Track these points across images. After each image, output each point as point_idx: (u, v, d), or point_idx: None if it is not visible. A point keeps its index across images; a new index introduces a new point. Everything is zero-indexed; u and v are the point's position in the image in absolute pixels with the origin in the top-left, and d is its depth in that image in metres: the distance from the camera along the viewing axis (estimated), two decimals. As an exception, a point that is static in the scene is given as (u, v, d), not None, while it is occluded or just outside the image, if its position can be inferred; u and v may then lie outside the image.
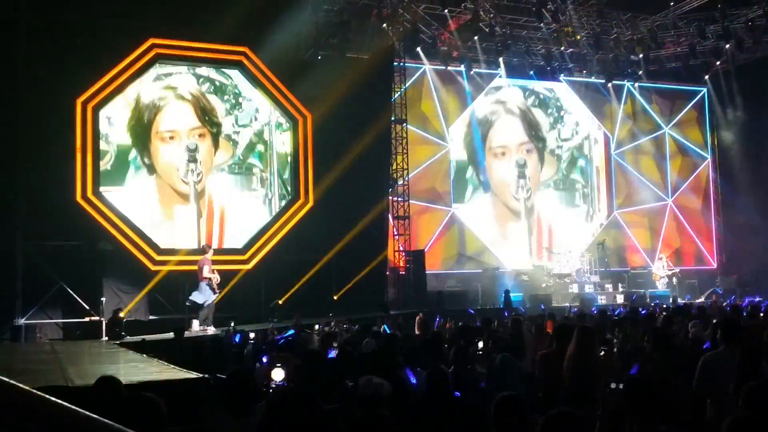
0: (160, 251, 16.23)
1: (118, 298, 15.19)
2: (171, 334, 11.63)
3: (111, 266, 15.58)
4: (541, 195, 23.44)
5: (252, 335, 11.76)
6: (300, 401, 4.64)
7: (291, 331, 11.50)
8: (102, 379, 5.07)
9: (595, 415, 4.52)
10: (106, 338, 13.57)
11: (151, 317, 15.72)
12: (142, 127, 16.93)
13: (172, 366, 8.23)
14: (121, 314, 14.24)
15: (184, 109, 17.40)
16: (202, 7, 16.33)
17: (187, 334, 12.22)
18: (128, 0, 15.93)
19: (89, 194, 15.64)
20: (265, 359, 8.16)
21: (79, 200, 15.53)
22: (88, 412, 1.84)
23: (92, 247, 15.44)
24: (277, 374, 6.33)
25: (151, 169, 17.08)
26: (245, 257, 16.93)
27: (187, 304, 14.49)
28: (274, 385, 6.26)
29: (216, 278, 13.82)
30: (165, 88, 17.26)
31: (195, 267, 14.35)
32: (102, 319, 14.37)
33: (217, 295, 13.92)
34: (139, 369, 8.38)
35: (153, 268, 15.96)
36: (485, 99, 22.98)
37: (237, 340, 11.60)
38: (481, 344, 8.19)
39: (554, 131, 24.00)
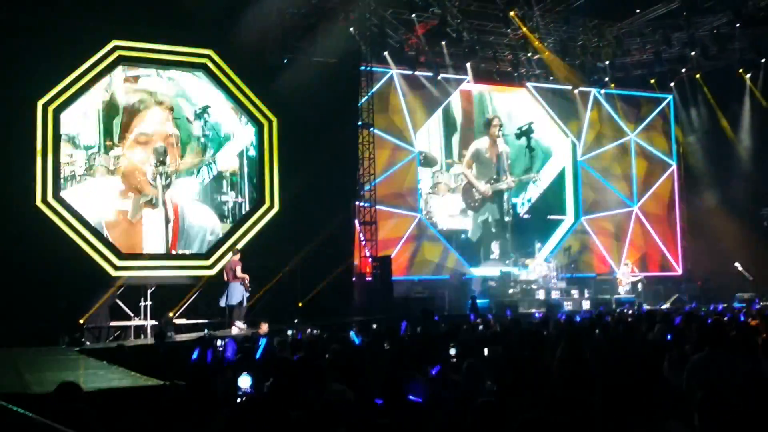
0: (123, 256, 15.90)
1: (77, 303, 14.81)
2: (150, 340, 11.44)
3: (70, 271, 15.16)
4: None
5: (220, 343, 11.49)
6: (265, 409, 4.47)
7: (263, 342, 11.17)
8: (62, 386, 4.93)
9: None
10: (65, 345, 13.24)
11: (111, 323, 15.42)
12: (111, 130, 16.67)
13: (132, 373, 8.06)
14: (81, 321, 13.96)
15: (157, 114, 17.13)
16: (167, 9, 16.03)
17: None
18: (90, 1, 15.59)
19: (49, 198, 15.27)
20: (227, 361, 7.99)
21: (39, 204, 15.17)
22: (46, 420, 1.70)
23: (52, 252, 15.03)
24: (244, 382, 6.18)
25: (119, 172, 16.80)
26: (209, 263, 16.65)
27: (221, 306, 15.16)
28: (241, 393, 6.11)
29: (247, 278, 14.93)
30: (138, 91, 17.02)
31: (160, 273, 14.77)
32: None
33: (248, 293, 15.02)
34: (98, 376, 8.20)
35: (114, 273, 15.62)
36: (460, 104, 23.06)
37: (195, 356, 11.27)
38: (453, 351, 8.10)
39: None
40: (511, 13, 20.31)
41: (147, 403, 6.52)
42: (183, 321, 16.32)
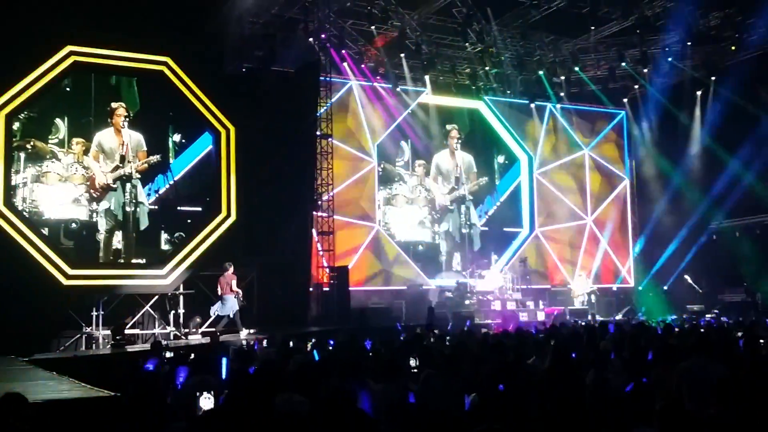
0: (75, 265, 15.59)
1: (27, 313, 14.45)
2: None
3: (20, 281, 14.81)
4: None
5: (169, 354, 11.35)
6: (221, 421, 4.44)
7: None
8: (6, 396, 4.80)
9: None
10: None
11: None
12: (65, 136, 16.48)
13: (82, 384, 7.90)
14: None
15: (114, 120, 16.91)
16: (123, 15, 15.83)
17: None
18: (45, 5, 15.31)
19: (0, 206, 14.92)
20: (182, 377, 7.88)
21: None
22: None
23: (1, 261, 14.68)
24: (206, 403, 6.15)
25: (72, 180, 16.58)
26: (163, 272, 16.42)
27: (212, 315, 15.97)
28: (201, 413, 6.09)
29: (240, 292, 15.90)
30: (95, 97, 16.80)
31: (113, 282, 14.98)
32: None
33: (241, 305, 15.87)
34: (47, 387, 8.00)
35: (66, 282, 15.31)
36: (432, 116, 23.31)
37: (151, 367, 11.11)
38: (413, 362, 8.12)
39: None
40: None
41: (97, 414, 6.42)
42: (136, 331, 16.12)
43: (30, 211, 16.18)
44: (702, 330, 11.83)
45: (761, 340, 9.15)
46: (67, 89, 16.74)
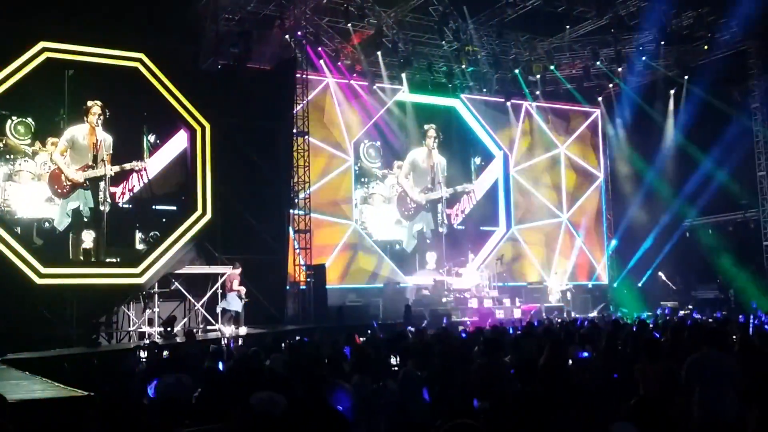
0: (48, 264, 15.40)
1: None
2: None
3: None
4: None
5: (144, 354, 11.26)
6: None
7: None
8: None
9: None
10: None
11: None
12: (38, 135, 16.29)
13: (56, 383, 7.80)
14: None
15: (88, 118, 16.72)
16: (97, 12, 15.68)
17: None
18: (18, 1, 15.12)
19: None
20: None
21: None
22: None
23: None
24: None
25: (45, 178, 16.38)
26: (137, 270, 16.27)
27: (218, 311, 16.30)
28: None
29: (243, 290, 16.37)
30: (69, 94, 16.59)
31: (87, 281, 15.05)
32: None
33: (244, 302, 16.33)
34: (20, 387, 7.87)
35: (39, 281, 15.12)
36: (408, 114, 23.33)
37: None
38: (394, 360, 8.12)
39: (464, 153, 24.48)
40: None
41: (72, 414, 6.34)
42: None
43: (2, 210, 15.97)
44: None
45: (733, 336, 9.26)
46: (40, 87, 16.47)
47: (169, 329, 14.50)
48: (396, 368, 7.87)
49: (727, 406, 6.06)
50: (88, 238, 16.58)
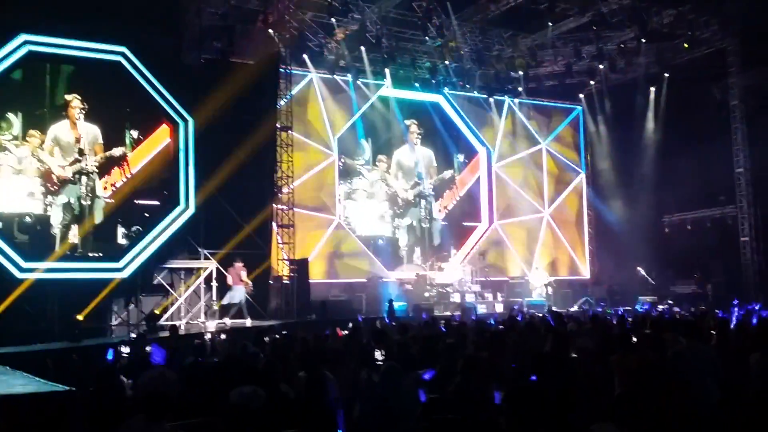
0: (29, 258, 15.34)
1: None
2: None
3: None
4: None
5: (125, 350, 11.25)
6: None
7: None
8: None
9: None
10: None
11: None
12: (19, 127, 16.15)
13: (37, 378, 7.80)
14: None
15: (72, 112, 16.59)
16: (79, 4, 15.58)
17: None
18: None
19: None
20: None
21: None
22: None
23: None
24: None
25: (27, 172, 16.18)
26: (120, 265, 16.25)
27: (223, 303, 17.08)
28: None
29: (249, 282, 17.27)
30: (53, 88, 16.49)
31: (68, 275, 15.27)
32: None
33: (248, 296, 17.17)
34: (1, 382, 7.85)
35: (20, 275, 15.06)
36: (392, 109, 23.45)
37: (110, 357, 11.00)
38: (379, 354, 8.19)
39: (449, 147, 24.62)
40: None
41: (54, 410, 6.35)
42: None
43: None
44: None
45: (712, 331, 9.42)
46: (20, 81, 16.34)
47: (152, 324, 14.50)
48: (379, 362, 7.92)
49: (709, 397, 6.19)
50: (73, 232, 16.49)
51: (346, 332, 12.13)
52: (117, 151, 16.95)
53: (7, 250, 15.05)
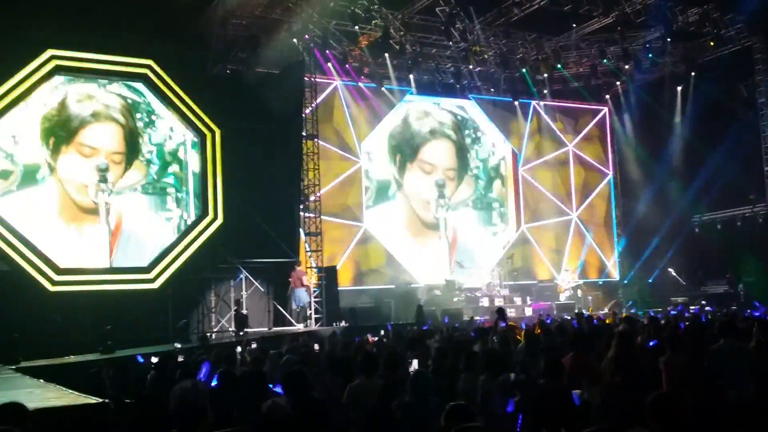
0: (60, 271, 15.55)
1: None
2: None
3: (5, 287, 14.70)
4: (457, 214, 23.84)
5: (154, 359, 11.30)
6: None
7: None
8: (7, 406, 4.74)
9: None
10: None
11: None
12: (55, 143, 16.41)
13: (70, 391, 7.88)
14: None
15: (102, 129, 16.88)
16: (105, 18, 15.79)
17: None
18: (26, 8, 15.23)
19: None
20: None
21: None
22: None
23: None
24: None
25: (59, 187, 16.43)
26: (151, 276, 16.41)
27: (294, 308, 17.74)
28: None
29: (311, 286, 18.08)
30: (84, 103, 16.69)
31: (102, 287, 15.59)
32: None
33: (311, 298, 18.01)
34: (34, 395, 7.94)
35: (51, 288, 15.27)
36: (415, 116, 23.47)
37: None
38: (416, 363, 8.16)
39: (473, 152, 24.53)
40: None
41: (87, 422, 6.40)
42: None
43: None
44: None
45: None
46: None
47: (183, 334, 14.62)
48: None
49: (746, 393, 6.20)
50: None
51: (376, 338, 12.17)
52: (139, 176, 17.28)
53: (38, 263, 15.26)
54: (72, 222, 16.62)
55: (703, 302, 20.91)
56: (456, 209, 23.79)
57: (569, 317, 16.72)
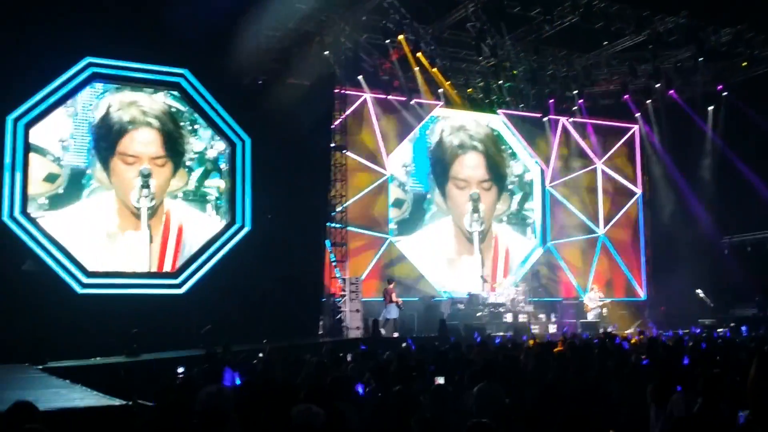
0: (90, 274, 15.78)
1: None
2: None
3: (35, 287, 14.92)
4: (493, 228, 23.88)
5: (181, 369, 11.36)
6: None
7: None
8: (16, 405, 4.80)
9: None
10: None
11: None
12: (102, 149, 16.70)
13: (95, 392, 7.96)
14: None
15: (146, 135, 17.16)
16: (142, 27, 16.09)
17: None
18: (65, 17, 15.54)
19: (16, 213, 15.17)
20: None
21: (5, 219, 15.05)
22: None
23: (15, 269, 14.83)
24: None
25: (101, 192, 16.71)
26: (177, 281, 16.59)
27: (380, 319, 18.33)
28: None
29: (401, 300, 19.47)
30: (127, 110, 17.02)
31: (136, 290, 16.07)
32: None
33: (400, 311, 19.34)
34: (59, 395, 8.03)
35: (80, 290, 15.50)
36: (450, 129, 23.59)
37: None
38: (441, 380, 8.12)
39: (509, 167, 24.58)
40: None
41: (111, 424, 6.46)
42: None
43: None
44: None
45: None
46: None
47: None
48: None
49: None
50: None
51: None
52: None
53: (68, 265, 15.51)
54: (115, 227, 16.81)
55: (733, 324, 20.57)
56: (493, 223, 23.78)
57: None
